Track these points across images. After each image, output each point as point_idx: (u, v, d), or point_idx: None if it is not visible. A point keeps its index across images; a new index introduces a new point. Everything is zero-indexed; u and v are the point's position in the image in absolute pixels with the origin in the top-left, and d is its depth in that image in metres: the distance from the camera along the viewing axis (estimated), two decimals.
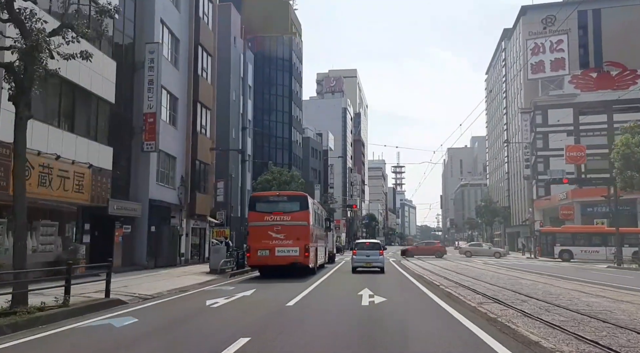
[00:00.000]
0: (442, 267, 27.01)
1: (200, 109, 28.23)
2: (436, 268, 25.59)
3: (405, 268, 26.16)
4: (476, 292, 12.97)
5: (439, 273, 21.26)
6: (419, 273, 21.71)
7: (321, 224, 24.21)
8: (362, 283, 15.97)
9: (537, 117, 65.13)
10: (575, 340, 6.78)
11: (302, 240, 18.58)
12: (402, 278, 19.72)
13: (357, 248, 24.40)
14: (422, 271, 23.58)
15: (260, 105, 55.89)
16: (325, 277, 19.54)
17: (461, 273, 22.07)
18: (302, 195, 19.84)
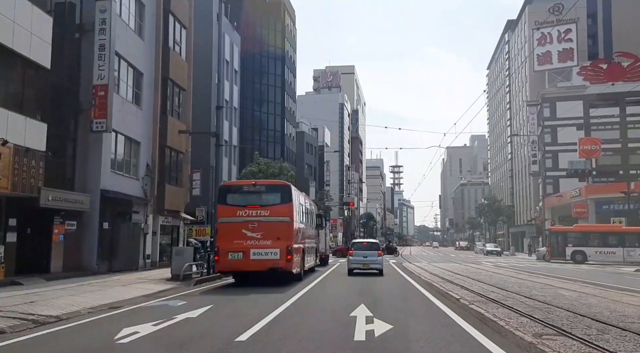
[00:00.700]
0: (451, 271, 23.31)
1: (171, 88, 24.45)
2: (445, 273, 21.89)
3: (410, 273, 22.45)
4: (518, 312, 9.24)
5: (451, 280, 17.55)
6: (426, 280, 18.00)
7: (310, 221, 20.50)
8: (357, 296, 12.26)
9: (544, 110, 61.50)
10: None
11: (283, 240, 14.88)
12: (408, 286, 16.00)
13: (353, 249, 21.82)
14: (429, 276, 19.88)
15: (250, 95, 52.13)
16: (312, 284, 15.82)
17: (477, 279, 18.37)
18: (284, 185, 16.08)
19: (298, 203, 16.77)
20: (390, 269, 25.67)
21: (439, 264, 30.62)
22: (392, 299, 11.93)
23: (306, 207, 19.15)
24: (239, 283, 16.25)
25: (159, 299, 11.95)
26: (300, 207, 17.41)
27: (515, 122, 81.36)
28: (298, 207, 16.70)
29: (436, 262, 34.53)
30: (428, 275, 20.31)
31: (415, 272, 23.07)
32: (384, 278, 19.28)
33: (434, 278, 18.37)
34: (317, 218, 23.48)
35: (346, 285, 16.37)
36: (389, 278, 19.31)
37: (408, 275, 21.30)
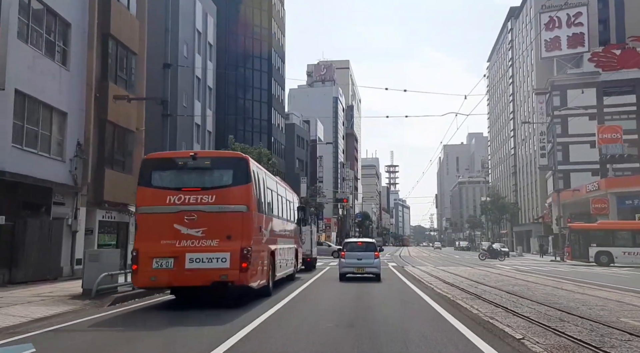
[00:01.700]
0: (468, 278, 18.46)
1: (115, 49, 19.44)
2: (462, 281, 17.01)
3: (416, 281, 17.55)
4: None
5: (478, 294, 12.65)
6: (442, 292, 13.09)
7: (286, 214, 15.60)
8: (346, 330, 7.36)
9: (554, 98, 56.83)
10: None
11: (236, 240, 10.01)
12: (419, 304, 11.01)
13: (346, 250, 18.52)
14: (443, 286, 14.99)
15: (233, 80, 47.14)
16: (284, 303, 10.90)
17: (511, 291, 13.49)
18: (239, 158, 10.99)
19: (263, 187, 11.84)
20: (391, 275, 20.81)
21: (447, 268, 25.75)
22: (400, 330, 7.03)
23: (278, 194, 14.22)
24: (179, 301, 11.35)
25: (16, 336, 7.03)
26: (268, 192, 12.47)
27: (519, 115, 76.69)
28: (263, 191, 11.77)
29: (442, 265, 29.66)
30: (441, 285, 15.41)
31: (422, 278, 18.17)
32: (383, 290, 14.37)
33: (452, 291, 13.45)
34: (299, 211, 18.61)
35: (331, 302, 11.44)
36: (391, 290, 14.39)
37: (413, 283, 16.39)
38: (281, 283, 15.15)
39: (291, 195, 17.11)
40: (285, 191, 15.76)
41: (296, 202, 18.61)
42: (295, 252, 17.07)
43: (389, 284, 16.62)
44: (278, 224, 13.68)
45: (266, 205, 12.10)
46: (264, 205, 11.85)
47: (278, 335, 7.30)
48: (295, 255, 17.36)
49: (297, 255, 17.88)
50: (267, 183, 12.51)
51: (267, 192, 12.29)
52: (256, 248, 10.61)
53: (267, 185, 12.36)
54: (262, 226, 11.36)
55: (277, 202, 13.91)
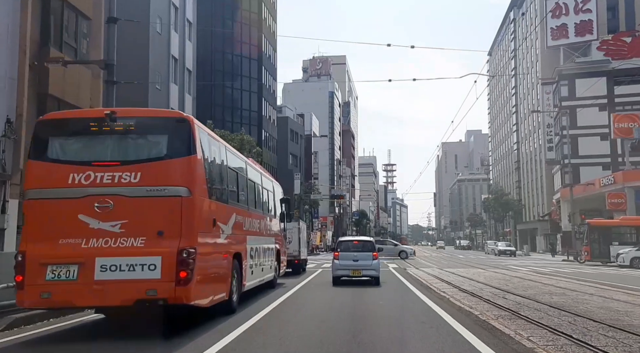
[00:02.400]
0: (486, 284, 15.30)
1: (60, 11, 16.17)
2: (482, 289, 13.85)
3: (423, 287, 14.36)
4: None
5: (514, 309, 9.48)
6: (460, 304, 9.89)
7: (261, 205, 12.39)
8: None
9: (561, 88, 53.73)
10: None
11: (172, 238, 6.85)
12: (436, 323, 7.72)
13: (340, 249, 16.13)
14: (458, 294, 11.81)
15: (221, 68, 43.97)
16: (245, 328, 7.66)
17: (555, 305, 10.32)
18: (177, 118, 7.53)
19: (220, 164, 8.64)
20: (392, 279, 17.63)
21: (456, 270, 22.56)
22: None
23: (249, 179, 10.99)
24: (109, 321, 8.19)
25: None
26: (230, 173, 9.23)
27: (523, 108, 73.65)
28: (220, 170, 8.57)
29: (448, 266, 26.47)
30: (458, 295, 12.22)
31: (431, 284, 14.98)
32: (386, 301, 11.14)
33: (476, 304, 10.25)
34: (282, 204, 15.41)
35: (316, 323, 8.19)
36: (395, 303, 11.17)
37: (422, 290, 13.16)
38: (255, 294, 11.95)
39: (270, 184, 13.89)
40: (260, 177, 12.53)
41: (279, 192, 15.40)
42: (276, 253, 13.85)
43: (391, 292, 13.43)
44: (248, 218, 10.46)
45: (225, 190, 8.86)
46: (222, 190, 8.61)
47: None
48: (277, 256, 14.15)
49: (280, 256, 14.66)
50: (229, 161, 9.27)
51: (227, 173, 9.06)
52: (205, 250, 7.40)
53: (227, 163, 9.13)
54: (218, 219, 8.12)
55: (246, 188, 10.70)
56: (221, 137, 22.80)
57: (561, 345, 6.16)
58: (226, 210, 8.75)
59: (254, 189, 11.54)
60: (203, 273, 7.23)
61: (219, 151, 8.73)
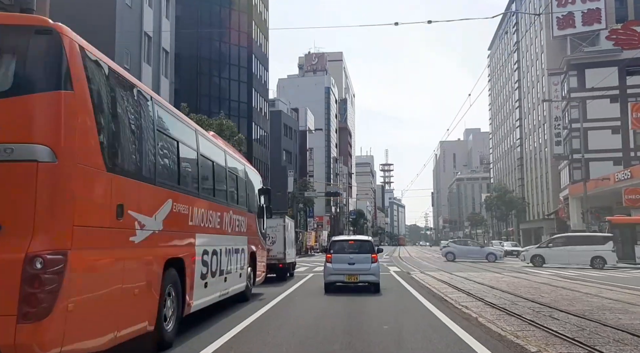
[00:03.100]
0: (513, 294, 12.31)
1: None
2: (507, 300, 10.84)
3: (436, 299, 11.39)
4: None
5: (558, 329, 6.42)
6: (500, 329, 6.88)
7: (224, 193, 9.35)
8: None
9: (570, 79, 50.81)
10: None
11: (14, 235, 3.86)
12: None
13: (333, 251, 13.74)
14: (485, 310, 8.83)
15: (207, 56, 40.92)
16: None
17: (606, 321, 7.32)
18: (32, 26, 4.25)
19: (133, 113, 5.55)
20: (395, 286, 14.69)
21: (467, 274, 19.57)
22: None
23: (201, 154, 7.85)
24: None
25: None
26: (154, 135, 6.07)
27: (527, 102, 70.80)
28: (133, 124, 5.48)
29: (457, 269, 23.45)
30: (487, 312, 9.23)
31: (446, 294, 11.97)
32: (389, 319, 8.07)
33: (522, 329, 7.24)
34: (260, 196, 12.40)
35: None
36: (407, 327, 8.09)
37: (436, 304, 10.12)
38: (216, 311, 8.94)
39: (241, 168, 10.84)
40: (224, 156, 9.46)
41: (256, 182, 12.36)
42: (249, 257, 10.82)
43: (397, 306, 10.44)
44: (199, 208, 7.41)
45: (151, 163, 5.79)
46: (141, 161, 5.55)
47: None
48: (251, 261, 11.13)
49: (256, 261, 11.61)
50: (160, 120, 6.21)
51: (156, 138, 5.98)
52: (93, 256, 4.37)
53: (157, 123, 6.06)
54: (129, 205, 5.07)
55: (197, 167, 7.65)
56: (197, 122, 19.79)
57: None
58: (152, 194, 5.71)
59: (212, 170, 8.49)
60: (85, 298, 4.18)
61: (137, 99, 5.67)
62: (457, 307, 9.91)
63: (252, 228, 11.37)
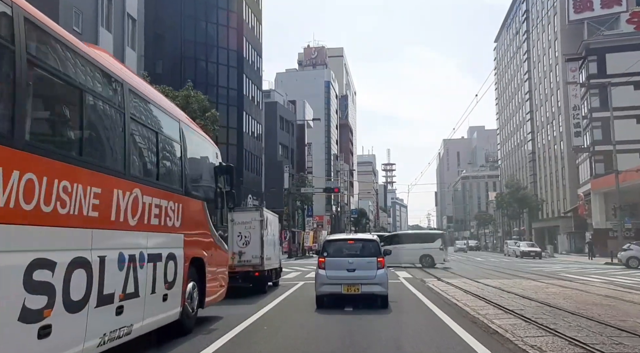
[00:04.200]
0: (587, 316, 8.34)
1: None
2: (582, 325, 6.80)
3: (479, 327, 7.31)
4: None
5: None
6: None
7: (127, 155, 5.33)
8: None
9: (590, 65, 46.71)
10: None
11: None
12: None
13: (327, 254, 10.55)
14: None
15: (192, 37, 37.03)
16: None
17: None
18: None
19: None
20: (409, 300, 10.81)
21: (498, 282, 15.58)
22: None
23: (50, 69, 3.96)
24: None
25: None
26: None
27: (538, 94, 66.75)
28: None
29: (480, 276, 19.42)
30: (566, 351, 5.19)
31: (485, 316, 7.97)
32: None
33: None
34: (216, 176, 8.51)
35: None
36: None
37: (474, 333, 6.11)
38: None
39: (170, 123, 6.82)
40: (120, 92, 5.46)
41: (209, 154, 8.41)
42: (186, 266, 6.84)
43: (421, 337, 6.46)
44: (45, 177, 3.48)
45: None
46: None
47: None
48: (196, 272, 7.20)
49: (205, 271, 7.60)
50: None
51: None
52: None
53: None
54: None
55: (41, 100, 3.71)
56: (162, 93, 15.80)
57: None
58: None
59: (82, 110, 4.54)
60: None
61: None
62: (515, 343, 5.96)
63: (197, 222, 7.42)
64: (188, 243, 6.86)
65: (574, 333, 6.79)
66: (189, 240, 6.91)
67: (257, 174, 45.47)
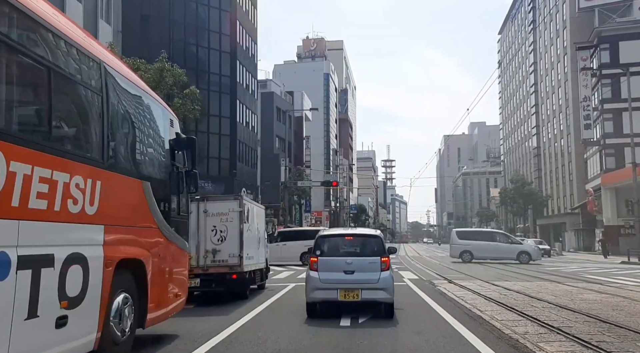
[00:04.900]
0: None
1: None
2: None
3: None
4: None
5: None
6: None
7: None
8: None
9: (601, 53, 44.50)
10: None
11: None
12: None
13: (320, 252, 8.53)
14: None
15: (181, 19, 34.83)
16: None
17: None
18: None
19: None
20: (419, 308, 8.65)
21: (521, 286, 13.49)
22: None
23: None
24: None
25: None
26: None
27: (544, 86, 64.56)
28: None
29: (495, 277, 17.32)
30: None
31: (526, 338, 5.83)
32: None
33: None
34: (172, 152, 6.36)
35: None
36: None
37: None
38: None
39: (91, 66, 4.67)
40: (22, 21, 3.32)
41: (158, 121, 6.26)
42: (108, 272, 4.68)
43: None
44: None
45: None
46: None
47: None
48: (134, 280, 5.11)
49: (147, 278, 5.44)
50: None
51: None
52: None
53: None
54: None
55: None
56: (133, 66, 13.70)
57: None
58: None
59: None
60: None
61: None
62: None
63: (131, 209, 5.28)
64: (112, 239, 4.73)
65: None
66: (115, 236, 4.78)
67: (252, 167, 43.34)
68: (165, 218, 6.04)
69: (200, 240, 9.81)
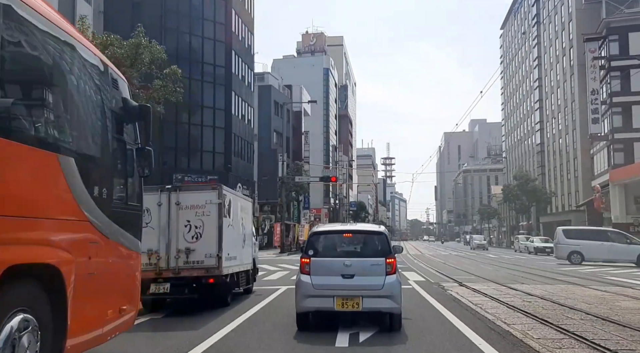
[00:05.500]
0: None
1: None
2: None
3: None
4: None
5: None
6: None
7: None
8: None
9: (610, 45, 42.93)
10: None
11: None
12: None
13: (314, 252, 7.03)
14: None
15: (175, 8, 33.24)
16: None
17: None
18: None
19: None
20: (430, 318, 7.03)
21: (542, 289, 11.98)
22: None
23: None
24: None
25: None
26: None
27: (548, 80, 63.02)
28: None
29: (509, 279, 15.79)
30: None
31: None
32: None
33: None
34: (122, 121, 4.78)
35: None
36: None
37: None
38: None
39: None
40: None
41: (94, 78, 4.69)
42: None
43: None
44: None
45: None
46: None
47: None
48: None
49: (64, 289, 3.89)
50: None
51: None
52: None
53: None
54: None
55: None
56: (106, 42, 12.11)
57: None
58: None
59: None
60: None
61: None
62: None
63: (38, 192, 3.72)
64: (2, 237, 3.19)
65: None
66: (6, 233, 3.24)
67: (249, 162, 41.85)
68: (102, 208, 4.48)
69: (172, 238, 8.28)
